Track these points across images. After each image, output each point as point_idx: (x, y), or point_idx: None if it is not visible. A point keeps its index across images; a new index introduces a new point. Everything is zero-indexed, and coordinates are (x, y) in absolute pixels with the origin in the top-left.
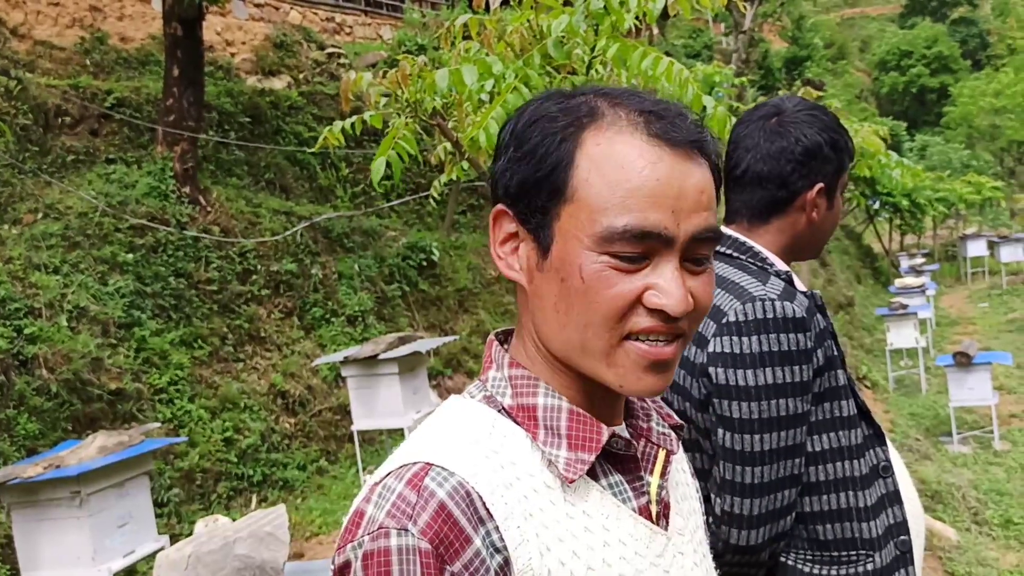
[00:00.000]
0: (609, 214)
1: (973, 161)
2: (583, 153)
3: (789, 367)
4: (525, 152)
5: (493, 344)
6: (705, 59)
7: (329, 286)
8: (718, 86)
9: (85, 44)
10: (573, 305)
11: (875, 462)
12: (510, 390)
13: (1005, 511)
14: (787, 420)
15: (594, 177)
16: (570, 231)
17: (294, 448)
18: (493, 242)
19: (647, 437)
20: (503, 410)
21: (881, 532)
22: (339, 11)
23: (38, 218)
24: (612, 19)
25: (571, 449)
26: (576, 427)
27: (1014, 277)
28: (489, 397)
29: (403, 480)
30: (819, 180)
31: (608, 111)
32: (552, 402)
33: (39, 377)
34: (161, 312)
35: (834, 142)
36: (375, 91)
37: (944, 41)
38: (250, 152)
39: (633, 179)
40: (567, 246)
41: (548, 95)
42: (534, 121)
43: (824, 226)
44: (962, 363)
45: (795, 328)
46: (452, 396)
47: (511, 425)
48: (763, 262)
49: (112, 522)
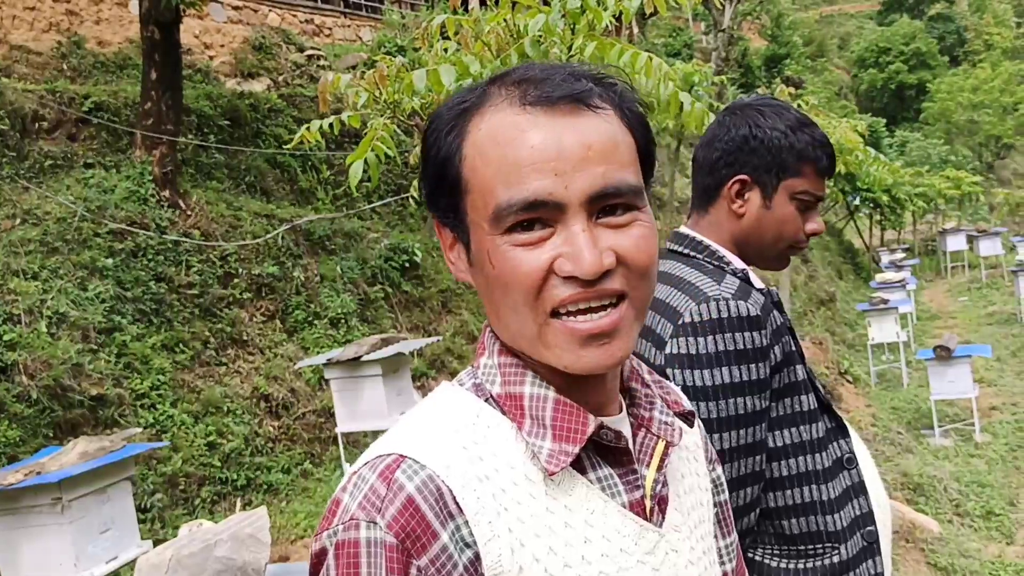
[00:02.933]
0: (496, 194)
1: (952, 156)
2: (468, 142)
3: (746, 365)
4: (427, 159)
5: (487, 331)
6: (685, 58)
7: (311, 288)
8: (698, 84)
9: (62, 48)
10: (495, 294)
11: (839, 455)
12: (499, 378)
13: (986, 503)
14: (746, 418)
15: (478, 162)
16: (475, 221)
17: (278, 451)
18: (444, 249)
19: (647, 427)
20: (491, 399)
21: (846, 524)
22: (318, 13)
23: (16, 224)
24: (589, 18)
25: (556, 440)
26: (562, 417)
27: (993, 271)
28: (478, 385)
29: (376, 471)
30: (742, 172)
31: (492, 92)
32: (538, 391)
33: (19, 384)
34: (142, 317)
35: (771, 139)
36: (353, 92)
37: (922, 38)
38: (230, 155)
39: (508, 153)
40: (476, 237)
41: (462, 90)
42: (430, 126)
43: (762, 227)
44: (943, 357)
45: (750, 327)
46: (444, 383)
47: (497, 415)
48: (719, 260)
49: (95, 528)
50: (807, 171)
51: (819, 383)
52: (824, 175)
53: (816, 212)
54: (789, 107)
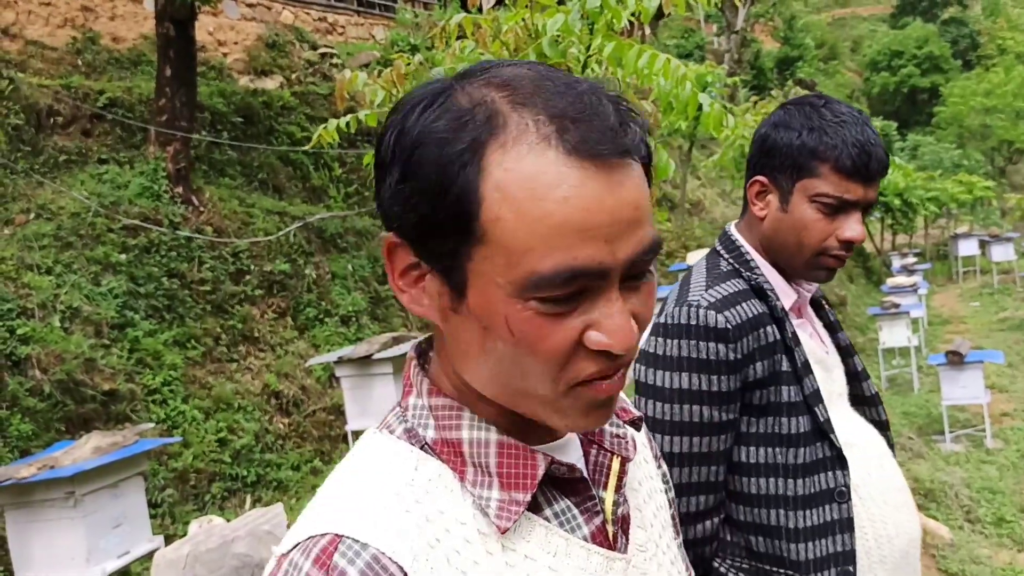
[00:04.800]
0: (531, 257)
1: (964, 161)
2: (489, 182)
3: (706, 375)
4: (417, 187)
5: (412, 365)
6: (697, 59)
7: (323, 286)
8: (710, 86)
9: (77, 44)
10: (505, 358)
11: (829, 486)
12: (432, 422)
13: (998, 509)
14: (700, 427)
15: (506, 212)
16: (487, 275)
17: (288, 448)
18: (391, 272)
19: (599, 443)
20: (426, 446)
21: (816, 556)
22: (331, 11)
23: (30, 219)
24: (608, 17)
25: (504, 488)
26: (508, 462)
27: (1005, 276)
28: (410, 431)
29: (310, 557)
30: (760, 173)
31: (512, 117)
32: (479, 435)
33: (32, 378)
34: (154, 312)
35: (785, 139)
36: (370, 90)
37: (935, 41)
38: (243, 152)
39: (555, 212)
40: (487, 292)
41: (432, 92)
42: (420, 144)
43: (781, 231)
44: (954, 362)
45: (716, 339)
46: (370, 430)
47: (436, 464)
48: (743, 263)
49: (106, 523)
50: (824, 171)
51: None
52: (851, 176)
53: (852, 217)
54: (831, 104)
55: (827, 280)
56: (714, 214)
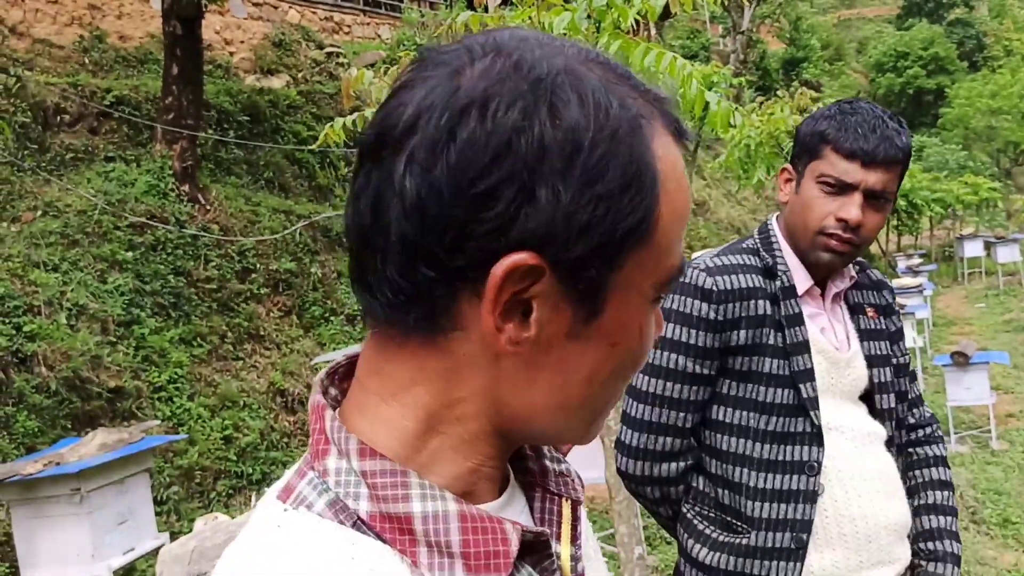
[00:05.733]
0: (672, 252)
1: (970, 162)
2: (660, 179)
3: (686, 328)
4: (608, 191)
5: (325, 412)
6: (703, 60)
7: (328, 285)
8: (716, 86)
9: (84, 42)
10: (616, 369)
11: (802, 458)
12: (365, 491)
13: (1003, 510)
14: (673, 373)
15: (665, 205)
16: (633, 283)
17: (293, 446)
18: (495, 306)
19: (543, 486)
20: (359, 522)
21: (772, 517)
22: (338, 10)
23: (37, 216)
24: (614, 16)
25: (469, 572)
26: (474, 539)
27: (1011, 278)
28: (335, 504)
29: None
30: (790, 163)
31: (639, 102)
32: (434, 507)
33: (38, 375)
34: (160, 310)
35: (804, 126)
36: (376, 88)
37: (941, 42)
38: (249, 151)
39: (685, 204)
40: (627, 302)
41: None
42: (610, 141)
43: (794, 212)
44: (960, 363)
45: (702, 297)
46: (271, 505)
47: (376, 547)
48: (765, 243)
49: (112, 519)
50: (828, 153)
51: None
52: (849, 157)
53: (851, 199)
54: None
55: (833, 266)
56: (719, 215)
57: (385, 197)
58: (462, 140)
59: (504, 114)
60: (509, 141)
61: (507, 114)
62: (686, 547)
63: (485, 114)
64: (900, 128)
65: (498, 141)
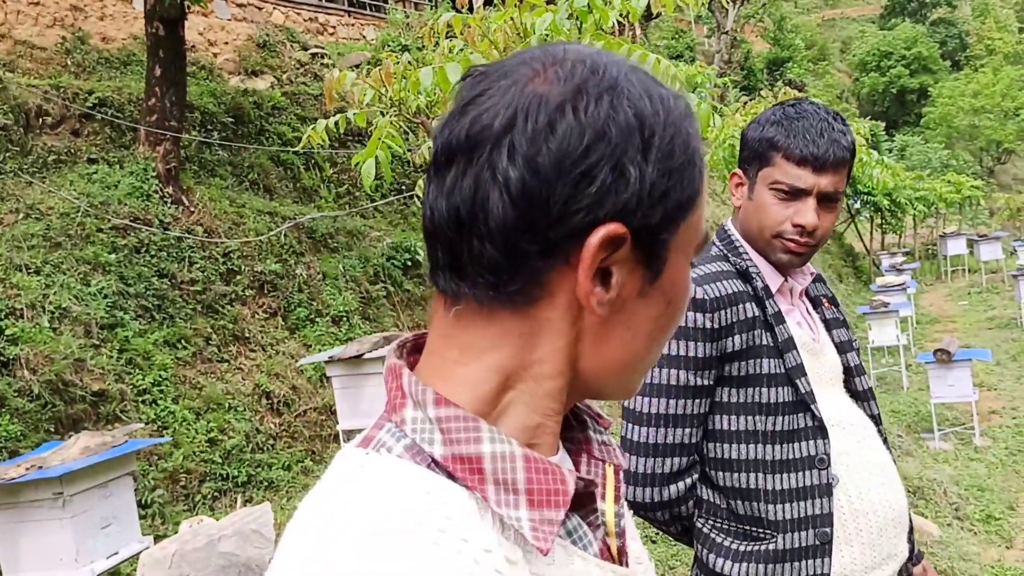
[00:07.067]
0: (703, 221)
1: (952, 161)
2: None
3: (684, 341)
4: (676, 165)
5: (402, 372)
6: (688, 60)
7: (314, 286)
8: (701, 86)
9: (66, 44)
10: (667, 326)
11: (810, 453)
12: (439, 436)
13: (986, 506)
14: (675, 390)
15: (700, 177)
16: (684, 245)
17: (279, 448)
18: (590, 273)
19: (588, 452)
20: (433, 464)
21: (794, 517)
22: (322, 11)
23: (19, 218)
24: (596, 17)
25: (533, 507)
26: (537, 478)
27: (993, 275)
28: (412, 447)
29: None
30: (739, 167)
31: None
32: (503, 449)
33: (21, 378)
34: (144, 313)
35: (751, 132)
36: (359, 89)
37: (924, 42)
38: (233, 152)
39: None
40: (678, 263)
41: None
42: (674, 125)
43: (748, 217)
44: (943, 360)
45: (695, 308)
46: (353, 451)
47: (448, 484)
48: (729, 248)
49: (95, 523)
50: (779, 160)
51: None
52: (800, 164)
53: (806, 204)
54: (802, 103)
55: (792, 264)
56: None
57: (483, 187)
58: (561, 131)
59: (595, 107)
60: (601, 129)
61: (597, 107)
62: (707, 562)
63: (578, 108)
64: (844, 127)
65: (592, 130)
